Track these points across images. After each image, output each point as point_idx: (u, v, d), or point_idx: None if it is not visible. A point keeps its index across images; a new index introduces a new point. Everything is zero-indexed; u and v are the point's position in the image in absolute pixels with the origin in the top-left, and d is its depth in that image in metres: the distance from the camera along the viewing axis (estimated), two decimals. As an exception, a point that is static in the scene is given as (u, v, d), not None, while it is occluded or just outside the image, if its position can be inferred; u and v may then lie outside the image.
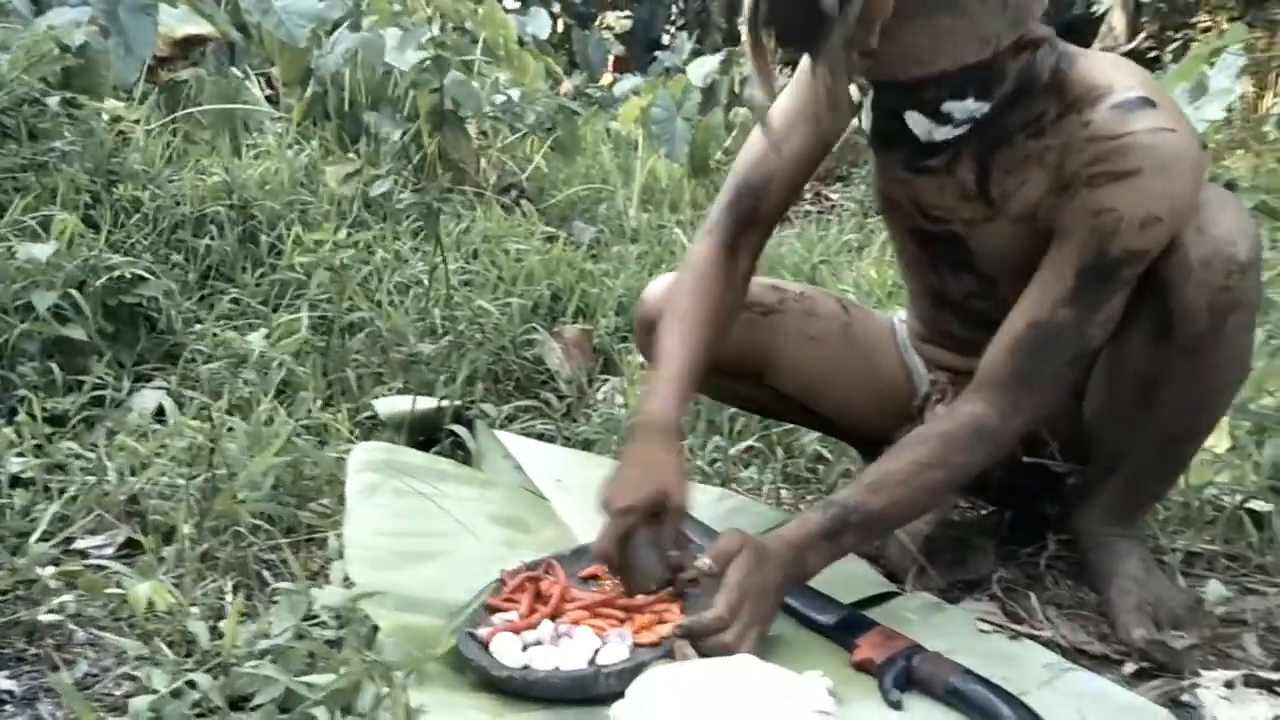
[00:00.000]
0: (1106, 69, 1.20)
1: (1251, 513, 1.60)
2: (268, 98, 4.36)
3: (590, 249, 3.45)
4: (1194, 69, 2.66)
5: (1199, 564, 1.51)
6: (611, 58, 8.53)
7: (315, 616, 1.08)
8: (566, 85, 7.01)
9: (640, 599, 1.18)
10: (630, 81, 6.38)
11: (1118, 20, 7.72)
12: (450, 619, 1.09)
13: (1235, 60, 3.40)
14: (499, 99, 2.07)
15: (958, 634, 1.22)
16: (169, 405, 1.81)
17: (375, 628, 1.10)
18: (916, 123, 1.17)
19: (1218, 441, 1.71)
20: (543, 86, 4.65)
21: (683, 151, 4.28)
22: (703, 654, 1.09)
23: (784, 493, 1.91)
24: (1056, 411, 1.28)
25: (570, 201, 4.28)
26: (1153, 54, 7.60)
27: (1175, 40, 8.03)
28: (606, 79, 7.79)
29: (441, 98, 1.84)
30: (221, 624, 1.07)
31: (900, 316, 1.58)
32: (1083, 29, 8.94)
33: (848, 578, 1.31)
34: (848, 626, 1.20)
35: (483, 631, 1.10)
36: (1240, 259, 1.17)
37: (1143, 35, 7.64)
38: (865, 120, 1.21)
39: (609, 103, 6.72)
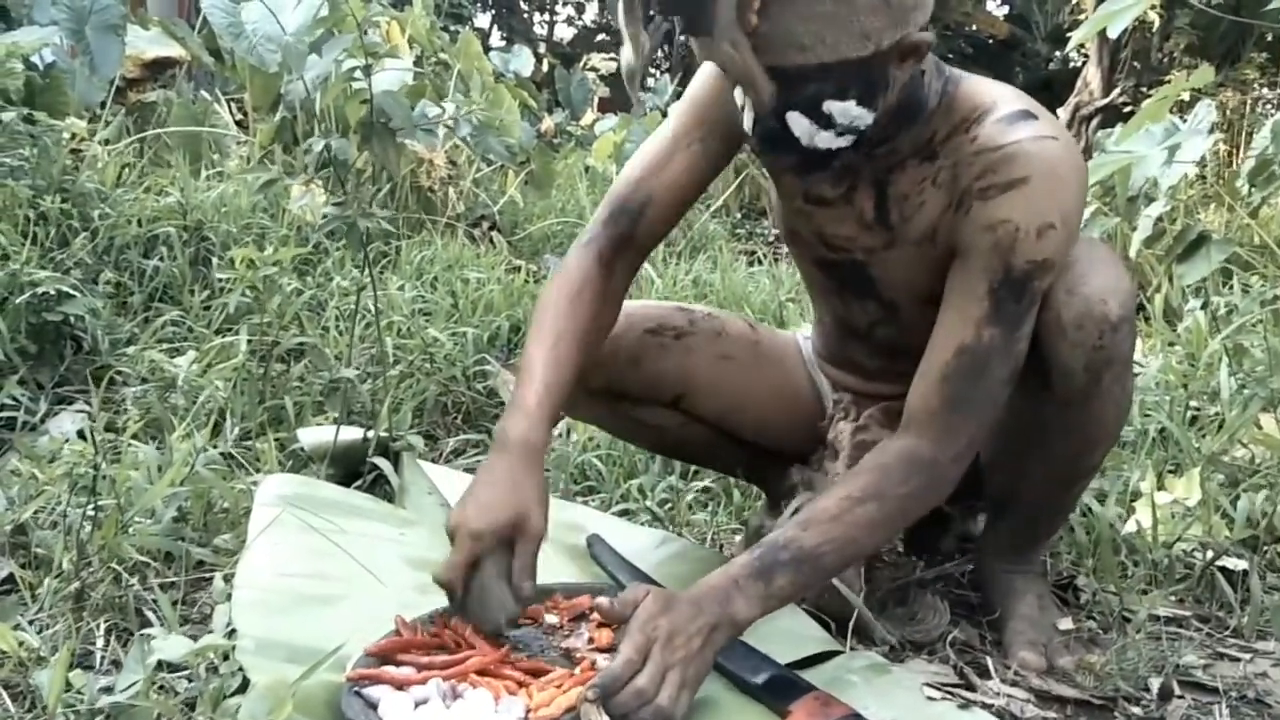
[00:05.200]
0: (989, 88, 1.22)
1: (1225, 570, 1.51)
2: (239, 123, 4.30)
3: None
4: (1161, 109, 2.62)
5: (1169, 626, 1.40)
6: (596, 98, 8.51)
7: (185, 667, 0.96)
8: (548, 122, 6.97)
9: (544, 663, 1.08)
10: (612, 121, 6.35)
11: (1093, 75, 7.72)
12: (329, 672, 0.97)
13: (1207, 113, 3.37)
14: (433, 112, 1.99)
15: (902, 700, 1.12)
16: (88, 430, 1.70)
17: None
18: (798, 124, 1.13)
19: (1188, 493, 1.62)
20: (518, 122, 4.59)
21: (657, 188, 4.21)
22: (620, 708, 0.98)
23: (739, 537, 1.81)
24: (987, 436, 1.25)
25: (544, 235, 4.21)
26: (1128, 109, 7.66)
27: (1149, 97, 8.11)
28: (589, 118, 7.75)
29: (371, 109, 1.75)
30: (73, 674, 0.94)
31: (805, 334, 1.57)
32: (1059, 83, 9.01)
33: (788, 634, 1.20)
34: (781, 689, 1.09)
35: (370, 689, 0.98)
36: (1112, 318, 1.18)
37: (1118, 91, 7.66)
38: (747, 122, 1.17)
39: (589, 141, 6.69)
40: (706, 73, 1.33)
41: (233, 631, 1.06)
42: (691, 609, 1.05)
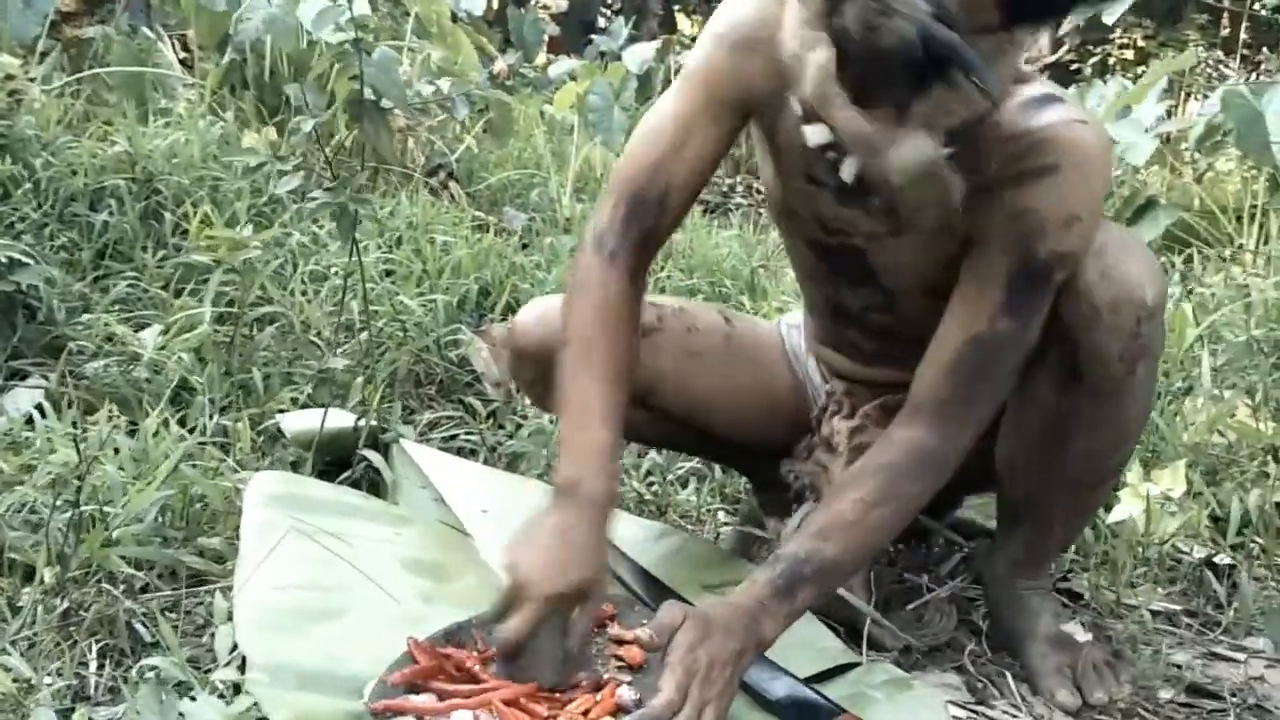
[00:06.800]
0: None
1: (1212, 565, 1.53)
2: (182, 61, 4.11)
3: (521, 238, 3.29)
4: (1141, 94, 2.62)
5: (1158, 621, 1.42)
6: (546, 38, 8.30)
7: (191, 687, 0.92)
8: (500, 65, 6.78)
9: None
10: (566, 64, 6.19)
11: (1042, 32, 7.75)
12: (344, 697, 0.93)
13: (1159, 83, 3.39)
14: (427, 89, 1.90)
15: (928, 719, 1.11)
16: (47, 408, 1.62)
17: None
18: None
19: (1174, 485, 1.64)
20: (476, 66, 4.46)
21: (620, 142, 4.14)
22: None
23: (722, 515, 1.80)
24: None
25: (501, 185, 4.11)
26: (1074, 66, 7.73)
27: (1095, 55, 8.21)
28: (540, 59, 7.56)
29: (361, 86, 1.66)
30: (77, 713, 0.89)
31: (788, 322, 1.51)
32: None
33: (804, 644, 1.17)
34: (809, 710, 1.07)
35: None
36: (1149, 304, 1.15)
37: (1065, 48, 7.71)
38: (848, 171, 1.09)
39: (544, 84, 6.53)
40: (711, 44, 1.24)
41: (235, 650, 1.02)
42: (724, 635, 1.03)
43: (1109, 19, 1.79)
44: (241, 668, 1.00)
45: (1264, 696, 1.25)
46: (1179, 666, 1.29)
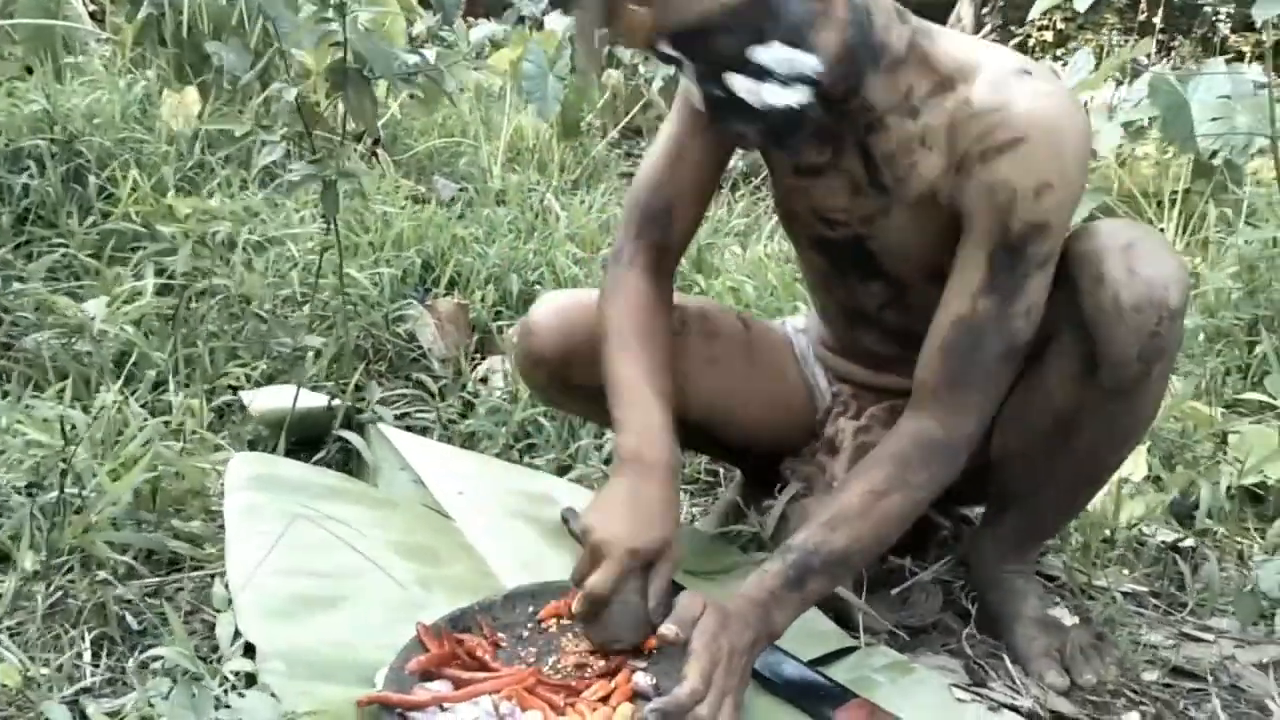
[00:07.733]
0: (975, 45, 1.18)
1: (1175, 548, 1.58)
2: (91, 14, 3.90)
3: (457, 211, 3.22)
4: (1097, 83, 2.67)
5: (1126, 603, 1.46)
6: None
7: (200, 678, 0.87)
8: (420, 27, 6.62)
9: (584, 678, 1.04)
10: (487, 28, 6.06)
11: (966, 12, 7.88)
12: (357, 685, 0.90)
13: (1086, 61, 3.46)
14: (412, 59, 1.82)
15: (934, 704, 1.12)
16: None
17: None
18: (738, 84, 1.08)
19: (1134, 469, 1.69)
20: (404, 30, 4.34)
21: (554, 111, 4.07)
22: None
23: (698, 501, 1.80)
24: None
25: (428, 154, 4.01)
26: (995, 46, 7.86)
27: (1016, 37, 8.38)
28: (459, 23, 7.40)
29: (345, 54, 1.58)
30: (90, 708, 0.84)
31: (795, 326, 1.52)
32: (931, 15, 9.18)
33: (802, 628, 1.16)
34: (818, 694, 1.08)
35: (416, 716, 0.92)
36: (1172, 305, 1.13)
37: (987, 29, 7.85)
38: (697, 101, 1.13)
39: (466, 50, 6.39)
40: None
41: (238, 637, 0.98)
42: (740, 625, 1.04)
43: (1080, 5, 1.81)
44: (246, 655, 0.96)
45: (1237, 676, 1.29)
46: (1154, 647, 1.33)
